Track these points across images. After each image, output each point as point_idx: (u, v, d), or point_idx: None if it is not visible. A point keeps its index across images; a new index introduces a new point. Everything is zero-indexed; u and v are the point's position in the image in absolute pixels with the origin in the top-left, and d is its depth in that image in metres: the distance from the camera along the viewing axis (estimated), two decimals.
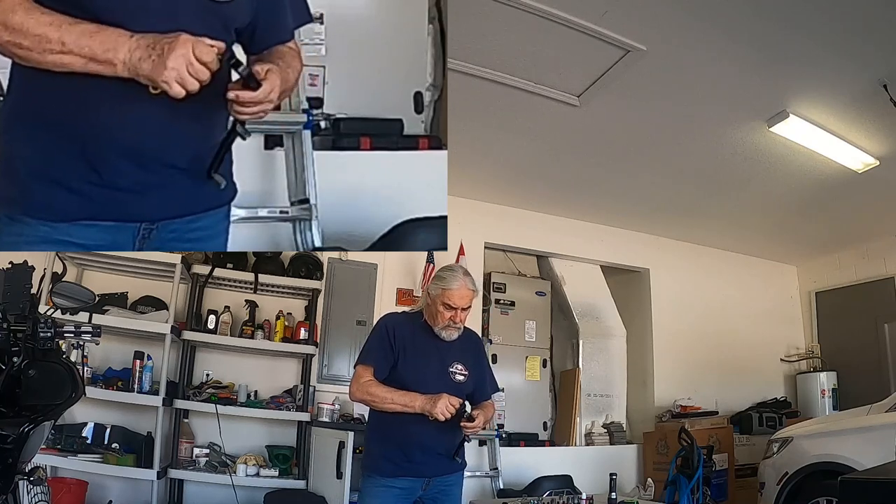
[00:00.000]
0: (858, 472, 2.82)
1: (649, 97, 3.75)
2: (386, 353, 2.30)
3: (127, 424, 4.00)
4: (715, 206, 5.53)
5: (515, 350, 5.66)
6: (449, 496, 2.38)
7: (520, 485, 4.58)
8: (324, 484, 3.91)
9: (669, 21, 3.03)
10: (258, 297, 4.66)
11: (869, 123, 3.90)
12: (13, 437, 1.53)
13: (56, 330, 1.73)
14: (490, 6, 2.92)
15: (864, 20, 2.95)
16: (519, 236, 5.79)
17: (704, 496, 4.47)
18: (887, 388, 5.33)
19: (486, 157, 4.68)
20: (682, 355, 6.10)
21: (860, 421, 3.91)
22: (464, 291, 2.28)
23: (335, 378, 4.68)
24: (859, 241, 6.21)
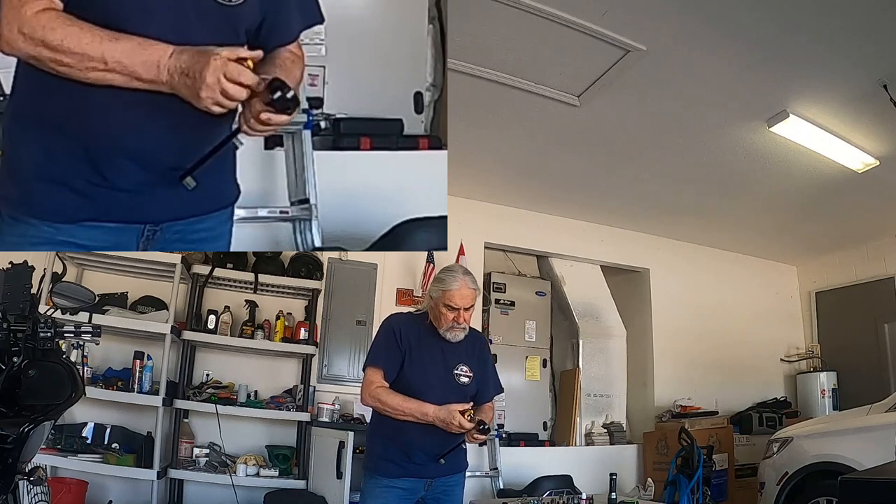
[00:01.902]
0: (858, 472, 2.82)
1: (649, 97, 3.75)
2: (394, 353, 2.29)
3: (127, 424, 4.00)
4: (715, 206, 5.53)
5: (515, 350, 5.66)
6: (451, 496, 2.38)
7: (520, 485, 4.58)
8: (324, 484, 3.91)
9: (669, 21, 3.03)
10: (258, 297, 4.66)
11: (869, 123, 3.90)
12: (13, 437, 1.53)
13: (56, 330, 1.73)
14: (490, 6, 2.91)
15: (864, 20, 2.95)
16: (519, 236, 5.79)
17: (704, 496, 4.47)
18: (887, 388, 5.32)
19: (486, 157, 4.68)
20: (681, 355, 6.10)
21: (860, 421, 3.91)
22: (465, 291, 2.26)
23: (335, 378, 4.68)
24: (859, 241, 6.21)
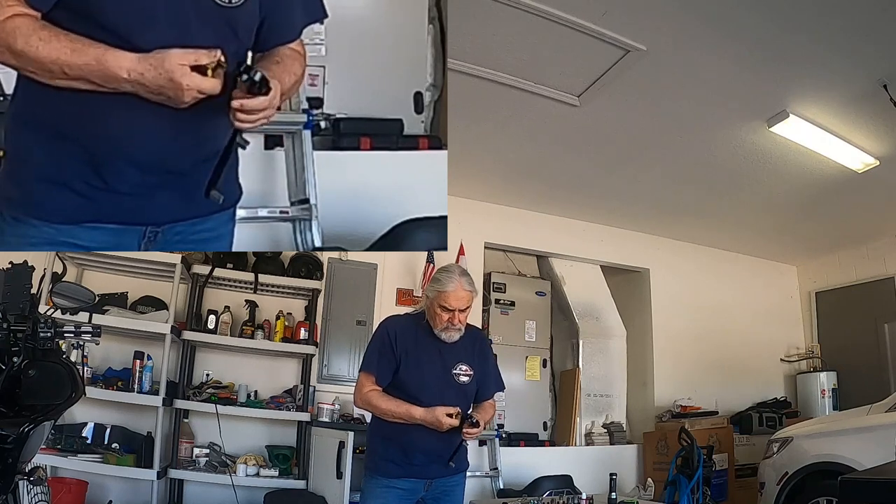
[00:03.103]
0: (858, 472, 2.82)
1: (649, 97, 3.75)
2: (388, 359, 2.29)
3: (127, 424, 4.00)
4: (715, 206, 5.53)
5: (515, 350, 5.66)
6: (451, 497, 2.38)
7: (520, 485, 4.58)
8: (324, 484, 3.91)
9: (669, 21, 3.03)
10: (258, 297, 4.66)
11: (869, 123, 3.90)
12: (13, 437, 1.52)
13: (56, 330, 1.73)
14: (490, 6, 2.91)
15: (864, 20, 2.95)
16: (519, 236, 5.79)
17: (704, 496, 4.47)
18: (887, 388, 5.32)
19: (486, 156, 4.68)
20: (682, 355, 6.10)
21: (860, 421, 3.90)
22: (460, 293, 2.25)
23: (335, 378, 4.68)
24: (859, 241, 6.21)
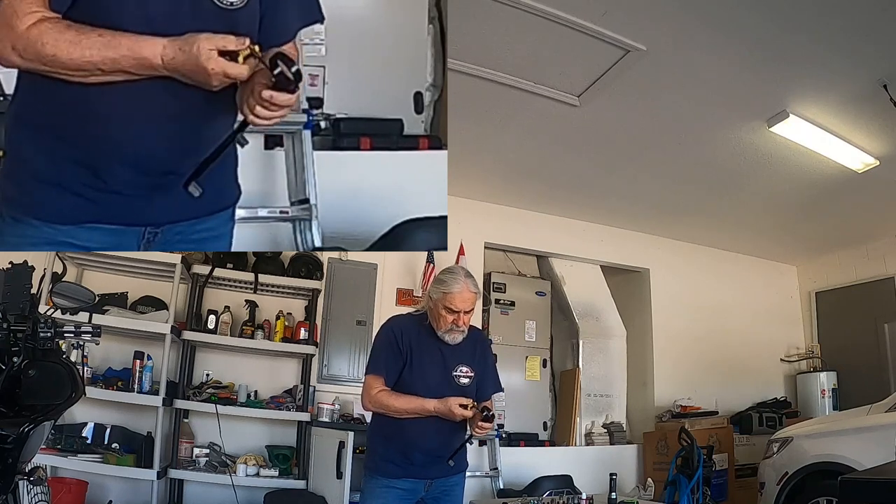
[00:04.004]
0: (858, 472, 2.82)
1: (649, 97, 3.75)
2: (395, 359, 2.29)
3: (127, 424, 4.00)
4: (715, 206, 5.53)
5: (515, 350, 5.66)
6: (451, 497, 2.38)
7: (520, 485, 4.58)
8: (324, 484, 3.91)
9: (669, 21, 3.03)
10: (258, 297, 4.66)
11: (869, 123, 3.90)
12: (13, 437, 1.52)
13: (56, 330, 1.73)
14: (490, 6, 2.91)
15: (864, 20, 2.95)
16: (519, 236, 5.79)
17: (704, 496, 4.47)
18: (887, 388, 5.32)
19: (487, 156, 4.68)
20: (681, 355, 6.10)
21: (860, 421, 3.90)
22: (466, 294, 2.25)
23: (335, 378, 4.68)
24: (859, 241, 6.21)
